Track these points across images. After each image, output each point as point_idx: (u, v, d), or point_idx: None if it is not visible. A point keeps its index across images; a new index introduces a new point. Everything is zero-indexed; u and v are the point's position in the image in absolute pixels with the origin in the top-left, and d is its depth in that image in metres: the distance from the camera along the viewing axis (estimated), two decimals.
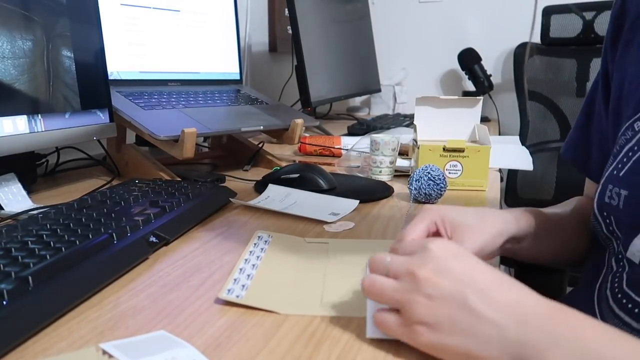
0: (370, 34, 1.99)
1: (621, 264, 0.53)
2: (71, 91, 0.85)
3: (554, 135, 1.83)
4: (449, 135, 0.95)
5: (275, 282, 0.52)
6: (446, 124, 0.97)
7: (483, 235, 0.53)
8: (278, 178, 0.89)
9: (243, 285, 0.50)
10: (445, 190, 0.82)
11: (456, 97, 0.99)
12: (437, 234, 0.53)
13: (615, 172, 0.55)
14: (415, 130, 0.98)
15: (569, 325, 0.37)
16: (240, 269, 0.54)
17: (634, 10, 0.60)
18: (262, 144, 1.16)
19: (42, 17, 0.79)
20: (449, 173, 0.91)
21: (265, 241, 0.63)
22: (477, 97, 0.98)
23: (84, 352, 0.39)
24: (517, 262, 0.77)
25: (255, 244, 0.62)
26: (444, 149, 0.91)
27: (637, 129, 0.54)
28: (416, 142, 0.95)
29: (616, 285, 0.52)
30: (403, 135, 1.10)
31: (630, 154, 0.54)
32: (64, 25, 0.83)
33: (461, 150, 0.91)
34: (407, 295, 0.39)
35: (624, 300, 0.50)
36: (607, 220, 0.55)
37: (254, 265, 0.56)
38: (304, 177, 0.88)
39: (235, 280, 0.52)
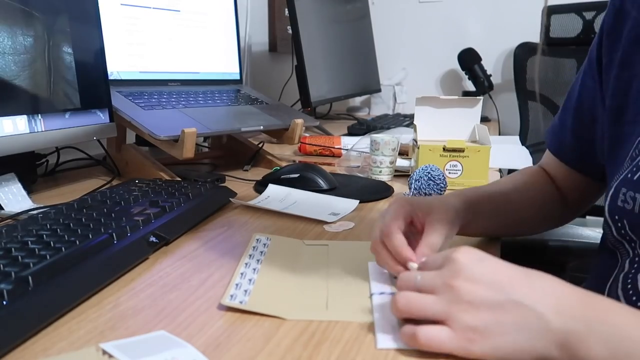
0: (370, 34, 1.99)
1: (635, 265, 0.53)
2: (71, 91, 0.85)
3: None
4: (449, 135, 0.95)
5: (278, 287, 0.51)
6: (446, 124, 0.97)
7: (445, 228, 0.55)
8: (278, 178, 0.89)
9: (245, 291, 0.49)
10: (445, 190, 0.82)
11: (456, 97, 0.99)
12: (411, 224, 0.55)
13: (629, 175, 0.53)
14: (415, 130, 0.98)
15: (600, 310, 0.39)
16: (242, 274, 0.53)
17: None
18: (262, 144, 1.16)
19: (42, 18, 0.79)
20: (449, 173, 0.91)
21: (264, 244, 0.63)
22: (477, 97, 0.98)
23: (84, 352, 0.39)
24: (519, 262, 0.76)
25: (254, 247, 0.62)
26: (444, 149, 0.91)
27: None
28: (416, 142, 0.95)
29: (629, 285, 0.52)
30: (403, 135, 1.10)
31: None
32: (64, 26, 0.83)
33: (461, 150, 0.91)
34: (450, 306, 0.40)
35: (639, 303, 0.50)
36: (619, 224, 0.54)
37: (254, 269, 0.55)
38: (304, 177, 0.88)
39: (237, 285, 0.51)
